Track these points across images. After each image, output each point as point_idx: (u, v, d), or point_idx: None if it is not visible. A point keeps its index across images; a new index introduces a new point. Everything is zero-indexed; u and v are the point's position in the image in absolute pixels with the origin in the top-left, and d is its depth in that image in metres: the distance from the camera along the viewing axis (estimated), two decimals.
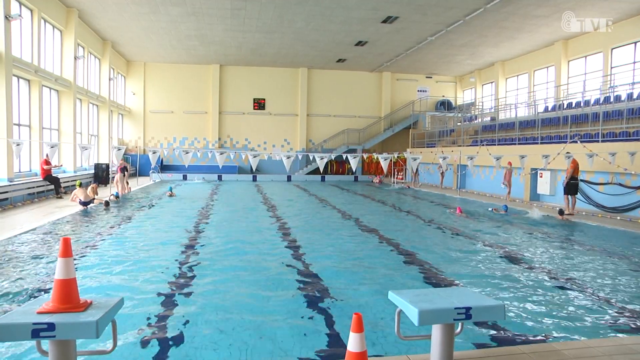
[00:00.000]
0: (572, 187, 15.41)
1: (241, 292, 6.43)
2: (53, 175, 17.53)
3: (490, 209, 16.26)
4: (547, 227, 12.92)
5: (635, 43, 20.44)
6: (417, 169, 26.95)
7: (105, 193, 17.68)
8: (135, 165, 28.53)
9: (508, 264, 8.34)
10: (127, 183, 19.98)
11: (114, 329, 3.23)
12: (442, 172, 25.58)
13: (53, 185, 17.42)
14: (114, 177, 19.20)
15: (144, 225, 12.00)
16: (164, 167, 31.53)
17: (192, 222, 12.50)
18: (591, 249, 9.92)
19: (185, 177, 29.83)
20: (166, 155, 31.50)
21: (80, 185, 14.99)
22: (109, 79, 26.98)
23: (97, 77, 26.23)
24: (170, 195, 18.86)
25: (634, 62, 20.54)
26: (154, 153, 17.39)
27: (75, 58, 21.11)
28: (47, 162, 16.89)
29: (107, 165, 22.57)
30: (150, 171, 28.24)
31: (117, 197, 16.76)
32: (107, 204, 14.66)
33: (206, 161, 31.84)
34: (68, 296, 3.11)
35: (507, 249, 9.68)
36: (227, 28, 23.33)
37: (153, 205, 16.02)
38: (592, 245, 10.36)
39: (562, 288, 6.88)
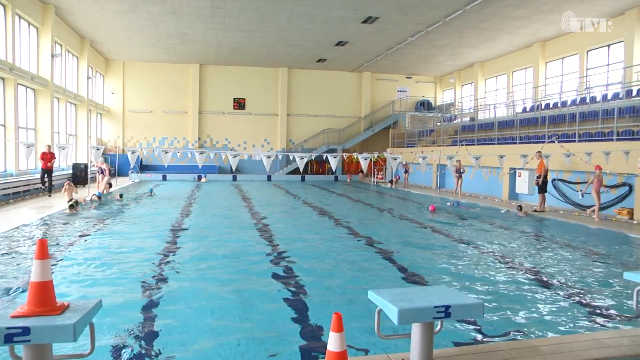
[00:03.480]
0: (545, 185, 15.85)
1: (222, 292, 6.39)
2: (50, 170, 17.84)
3: (447, 203, 18.04)
4: (507, 222, 13.28)
5: (609, 46, 20.85)
6: (406, 169, 27.15)
7: (84, 193, 17.42)
8: (114, 165, 28.18)
9: (485, 261, 8.45)
10: (109, 184, 19.78)
11: (91, 332, 3.18)
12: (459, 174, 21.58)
13: (48, 181, 17.79)
14: (94, 178, 18.96)
15: (123, 226, 11.87)
16: (143, 167, 31.22)
17: (173, 222, 12.40)
18: (555, 242, 10.10)
19: (164, 177, 29.62)
20: (145, 155, 31.19)
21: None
22: (88, 78, 26.61)
23: (75, 76, 25.83)
24: (150, 195, 18.80)
25: (608, 65, 20.96)
26: (133, 153, 17.20)
27: (52, 56, 20.75)
28: (53, 156, 17.40)
29: (86, 165, 22.24)
30: (130, 171, 27.94)
31: (99, 197, 16.55)
32: (71, 206, 13.99)
33: (186, 161, 31.59)
34: (44, 299, 3.06)
35: (482, 247, 9.80)
36: (207, 27, 23.17)
37: (132, 206, 15.87)
38: (560, 240, 10.55)
39: (536, 284, 6.98)
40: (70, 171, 22.33)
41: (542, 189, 15.88)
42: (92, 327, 3.18)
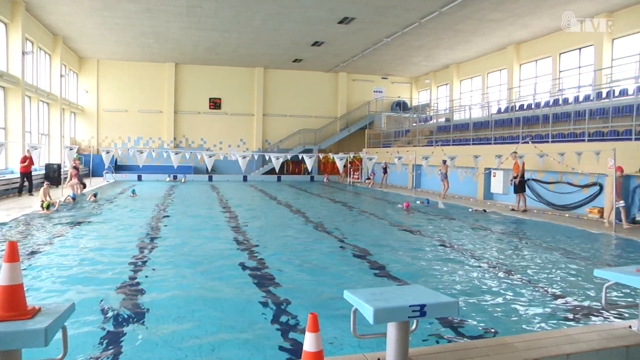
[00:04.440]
0: (522, 185, 16.07)
1: (197, 293, 6.34)
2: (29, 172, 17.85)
3: (418, 201, 18.66)
4: (478, 221, 13.38)
5: (580, 49, 21.32)
6: (385, 169, 27.27)
7: (57, 194, 17.10)
8: (88, 165, 27.72)
9: (457, 260, 8.55)
10: (83, 185, 19.46)
11: (64, 336, 3.12)
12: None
13: (28, 183, 17.93)
14: (66, 178, 18.62)
15: (98, 227, 11.71)
16: (118, 168, 30.77)
17: (149, 224, 12.26)
18: (527, 241, 10.28)
19: (140, 178, 29.25)
20: (120, 155, 30.70)
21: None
22: (61, 76, 26.11)
23: (47, 74, 25.32)
24: (132, 196, 18.69)
25: (579, 67, 21.41)
26: (107, 153, 16.96)
27: (23, 53, 20.29)
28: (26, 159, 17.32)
29: (59, 166, 21.80)
30: (104, 171, 27.52)
31: (73, 198, 16.27)
32: (46, 207, 13.71)
33: (161, 161, 31.19)
34: (14, 303, 2.98)
35: (453, 244, 9.91)
36: (183, 26, 22.95)
37: (108, 206, 15.64)
38: (532, 238, 10.73)
39: (510, 282, 7.09)
40: (43, 171, 21.86)
41: (520, 189, 16.14)
42: (64, 331, 3.11)
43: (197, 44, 26.83)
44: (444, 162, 19.74)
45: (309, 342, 2.96)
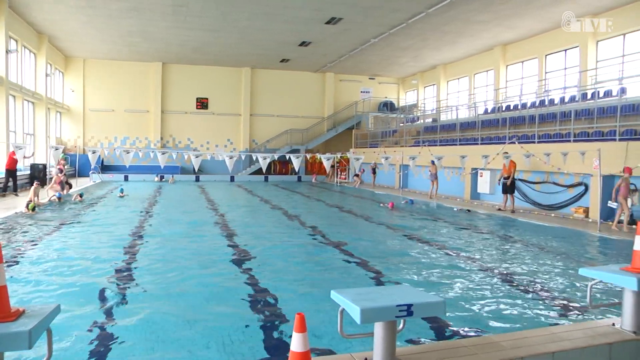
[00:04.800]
0: (511, 186, 16.14)
1: (184, 294, 6.33)
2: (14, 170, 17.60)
3: (403, 201, 18.93)
4: (464, 220, 13.48)
5: (566, 50, 21.55)
6: (374, 170, 27.30)
7: (42, 195, 16.92)
8: (74, 165, 27.44)
9: (443, 259, 8.59)
10: (69, 185, 19.26)
11: (49, 339, 3.08)
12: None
13: (12, 182, 17.68)
14: (52, 179, 18.41)
15: (84, 228, 11.60)
16: (104, 168, 30.53)
17: (136, 224, 12.17)
18: (513, 240, 10.37)
19: (126, 178, 29.02)
20: (107, 155, 30.47)
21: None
22: (46, 75, 25.84)
23: (32, 73, 25.03)
24: (121, 196, 18.53)
25: (565, 68, 21.64)
26: (93, 153, 16.82)
27: (6, 52, 20.02)
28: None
29: (45, 166, 21.56)
30: (90, 172, 27.28)
31: (59, 198, 16.10)
32: (31, 208, 13.55)
33: (148, 161, 30.88)
34: None
35: (442, 245, 9.97)
36: (169, 25, 22.82)
37: (94, 207, 15.51)
38: (518, 238, 10.83)
39: (497, 281, 7.14)
40: (28, 172, 21.58)
41: (510, 189, 16.23)
42: (49, 333, 3.08)
43: (184, 44, 26.69)
44: (433, 162, 19.77)
45: (296, 342, 2.96)
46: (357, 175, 28.03)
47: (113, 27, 23.29)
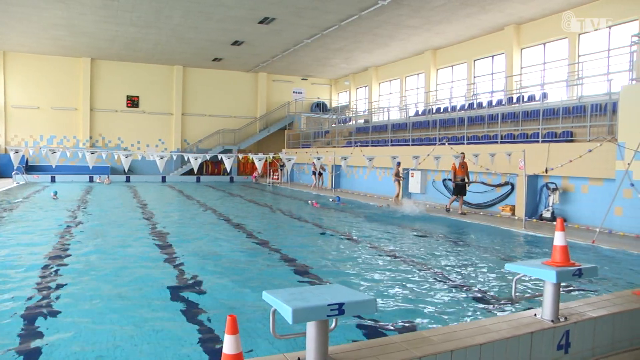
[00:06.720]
0: (461, 188, 15.87)
1: (113, 298, 6.14)
2: None
3: (330, 199, 19.66)
4: (390, 218, 13.83)
5: (493, 56, 22.45)
6: (320, 171, 27.06)
7: None
8: None
9: (371, 257, 8.71)
10: None
11: None
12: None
13: None
14: None
15: (5, 231, 10.95)
16: (29, 168, 28.92)
17: (63, 226, 11.76)
18: (441, 238, 10.69)
19: (53, 179, 27.58)
20: (31, 154, 28.92)
21: None
22: None
23: None
24: (54, 198, 17.92)
25: (492, 73, 22.56)
26: (16, 152, 15.75)
27: None
28: None
29: None
30: (13, 172, 25.69)
31: None
32: None
33: (76, 161, 29.53)
34: None
35: (369, 242, 10.11)
36: (98, 19, 21.85)
37: (20, 209, 14.68)
38: (446, 235, 11.18)
39: (427, 277, 7.31)
40: None
41: (463, 191, 15.89)
42: None
43: (113, 39, 25.69)
44: (399, 164, 18.59)
45: (228, 345, 2.87)
46: (319, 173, 26.04)
47: (35, 18, 21.91)
